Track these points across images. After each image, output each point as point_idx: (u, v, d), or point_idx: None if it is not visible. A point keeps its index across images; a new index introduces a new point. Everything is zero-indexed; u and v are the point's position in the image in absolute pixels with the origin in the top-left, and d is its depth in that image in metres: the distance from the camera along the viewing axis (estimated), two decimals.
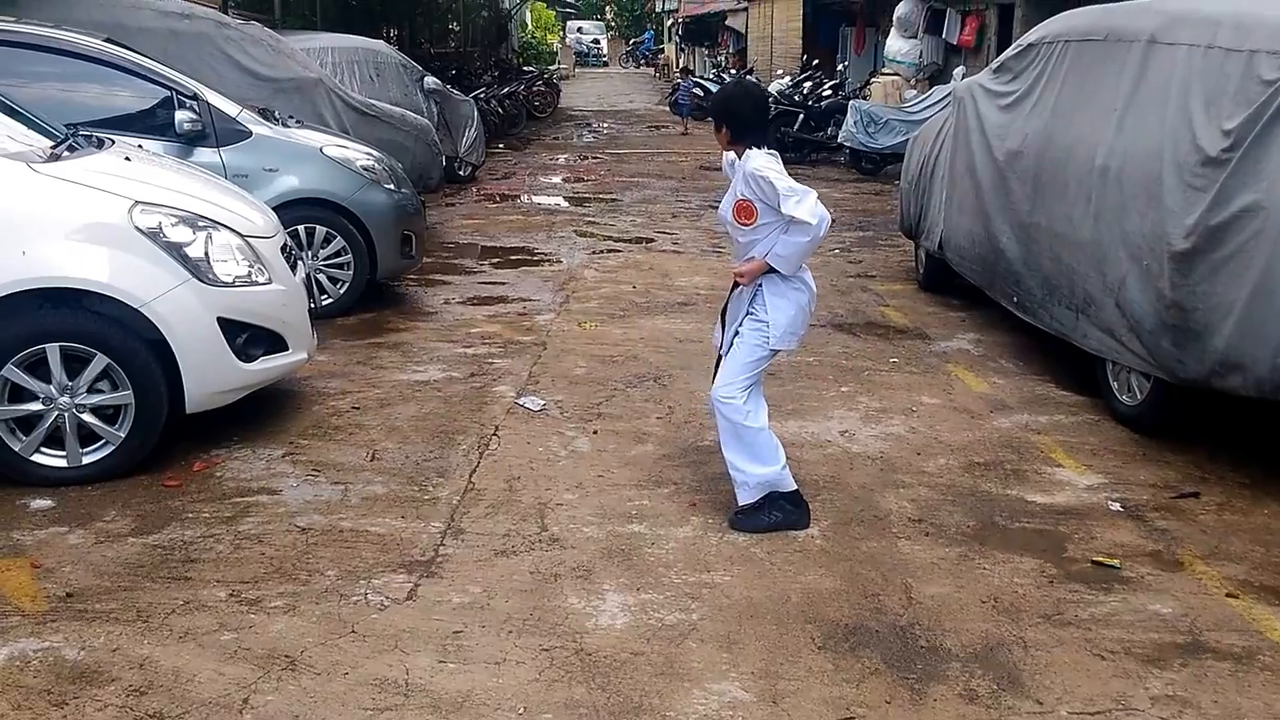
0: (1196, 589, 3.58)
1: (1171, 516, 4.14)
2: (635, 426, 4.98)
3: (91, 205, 4.14)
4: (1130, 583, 3.62)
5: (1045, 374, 5.88)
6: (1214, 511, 4.19)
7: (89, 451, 4.16)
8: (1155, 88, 4.84)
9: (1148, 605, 3.46)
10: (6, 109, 4.62)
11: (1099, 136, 5.18)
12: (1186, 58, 4.67)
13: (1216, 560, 3.79)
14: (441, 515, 3.98)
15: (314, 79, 8.46)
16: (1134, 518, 4.13)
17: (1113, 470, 4.58)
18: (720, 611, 3.36)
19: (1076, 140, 5.43)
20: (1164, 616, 3.40)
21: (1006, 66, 6.53)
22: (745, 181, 3.82)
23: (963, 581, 3.60)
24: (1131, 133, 4.94)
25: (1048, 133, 5.79)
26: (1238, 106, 4.27)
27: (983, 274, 6.51)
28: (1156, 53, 4.92)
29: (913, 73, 16.16)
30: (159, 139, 6.13)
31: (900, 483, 4.41)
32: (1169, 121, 4.64)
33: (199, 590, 3.39)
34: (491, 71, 23.45)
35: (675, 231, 10.44)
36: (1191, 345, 4.43)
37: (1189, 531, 4.01)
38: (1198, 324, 4.38)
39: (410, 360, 5.93)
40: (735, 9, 31.69)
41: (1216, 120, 4.35)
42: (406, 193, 7.18)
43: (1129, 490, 4.37)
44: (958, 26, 15.51)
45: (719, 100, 4.05)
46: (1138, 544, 3.90)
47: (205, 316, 4.25)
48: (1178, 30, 4.84)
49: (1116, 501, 4.26)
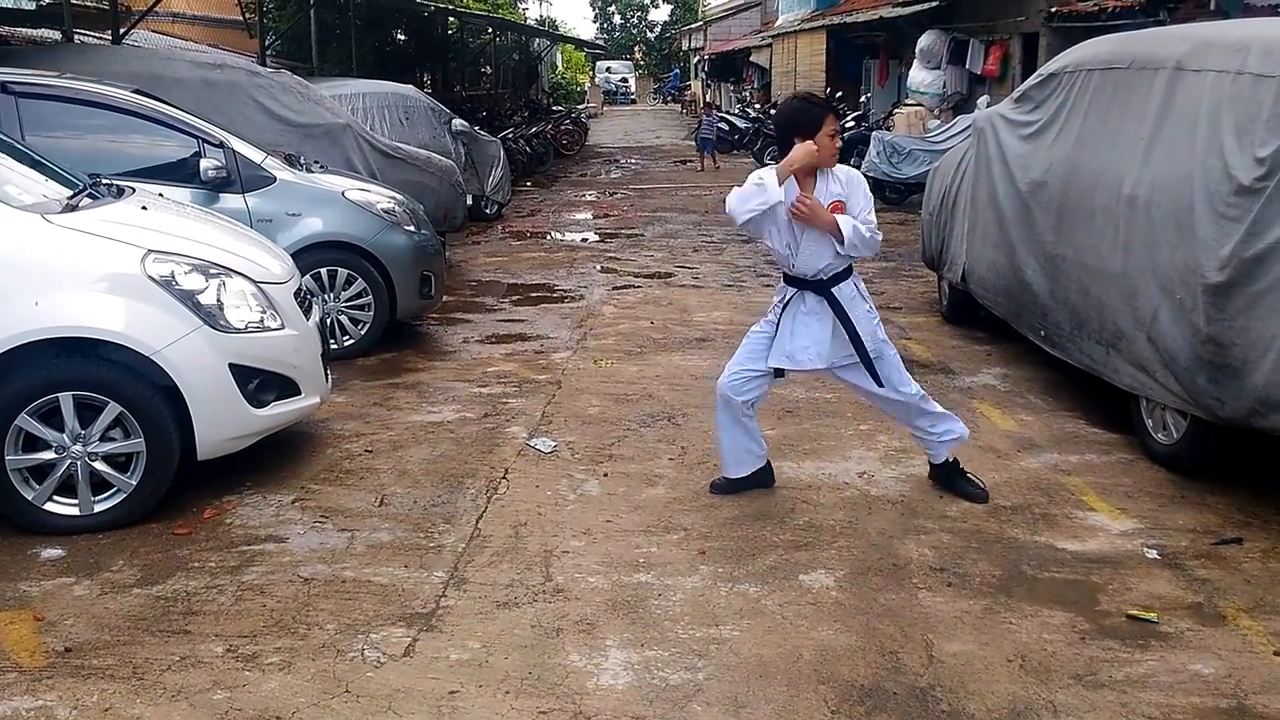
0: (1241, 646, 3.29)
1: (1212, 565, 3.85)
2: (647, 468, 4.78)
3: (104, 255, 4.08)
4: (1168, 639, 3.34)
5: (1075, 410, 5.60)
6: (1258, 559, 3.90)
7: (101, 500, 4.06)
8: (1183, 115, 4.61)
9: (1188, 665, 3.19)
10: (29, 160, 4.61)
11: (1126, 166, 4.94)
12: (1215, 84, 4.44)
13: (1262, 613, 3.49)
14: (445, 564, 3.79)
15: (342, 124, 8.43)
16: (1172, 566, 3.84)
17: (1148, 514, 4.29)
18: (728, 670, 3.14)
19: (1102, 170, 5.19)
20: (1205, 677, 3.12)
21: (1028, 96, 6.31)
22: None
23: (987, 638, 3.34)
24: (1160, 162, 4.70)
25: (1072, 162, 5.55)
26: (1271, 134, 4.03)
27: (1008, 307, 6.26)
28: (1183, 80, 4.69)
29: (936, 103, 15.95)
30: (186, 186, 6.13)
31: (922, 528, 4.16)
32: (1199, 150, 4.40)
33: (197, 645, 3.23)
34: (521, 112, 23.56)
35: (696, 266, 10.26)
36: (1229, 382, 4.16)
37: (1232, 581, 3.72)
38: (1235, 360, 4.12)
39: (426, 401, 5.78)
40: (759, 45, 31.68)
41: (1249, 148, 4.11)
42: (426, 234, 7.09)
43: (1166, 536, 4.09)
44: (981, 56, 15.30)
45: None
46: (1176, 595, 3.62)
47: (217, 363, 4.15)
48: (1205, 57, 4.61)
49: (1153, 549, 3.97)
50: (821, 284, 4.14)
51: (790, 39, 27.07)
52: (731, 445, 4.40)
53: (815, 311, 4.14)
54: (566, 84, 46.34)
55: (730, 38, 37.52)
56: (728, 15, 40.56)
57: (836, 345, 4.17)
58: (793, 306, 4.17)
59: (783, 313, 4.19)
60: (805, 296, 4.16)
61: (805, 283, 4.16)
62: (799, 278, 4.17)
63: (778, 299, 4.27)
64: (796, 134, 4.02)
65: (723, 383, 4.34)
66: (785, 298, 4.20)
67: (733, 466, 4.45)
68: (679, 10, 60.78)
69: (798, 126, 4.03)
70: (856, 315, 4.14)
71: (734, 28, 38.53)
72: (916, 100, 16.17)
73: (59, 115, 6.04)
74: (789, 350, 4.18)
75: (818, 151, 3.99)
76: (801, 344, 4.16)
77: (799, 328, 4.15)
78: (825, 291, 4.14)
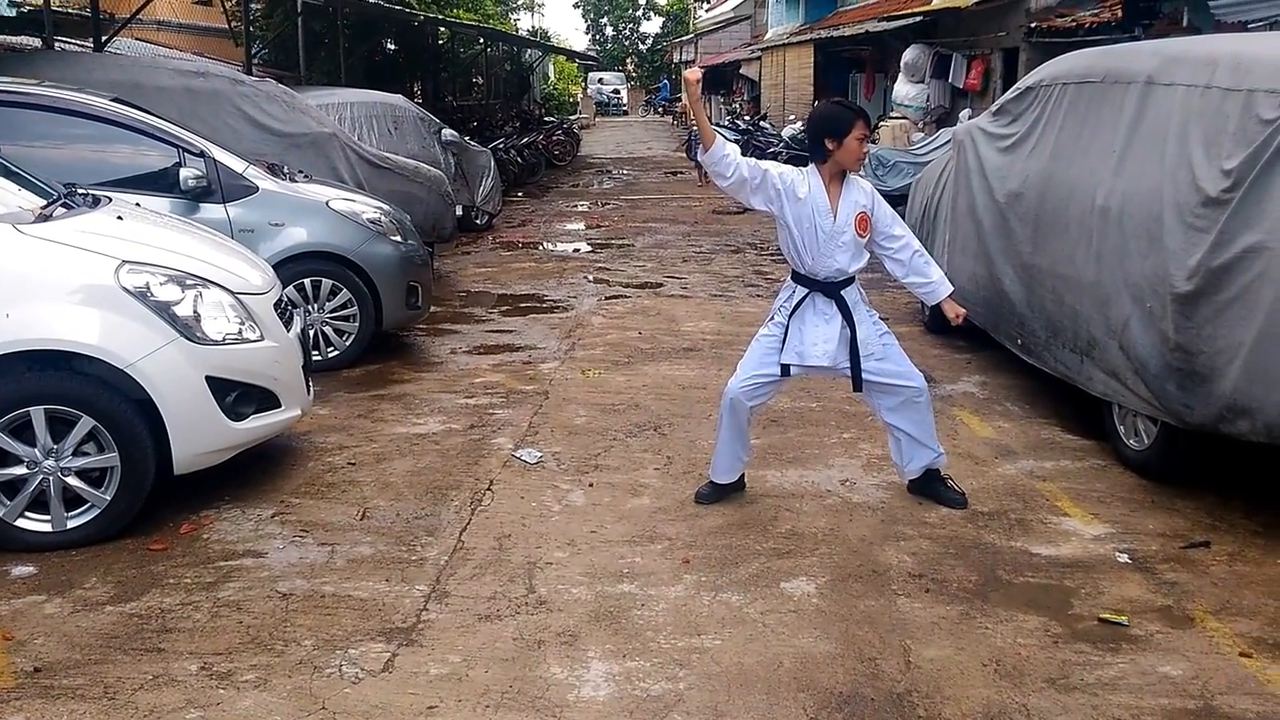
0: (1208, 648, 3.31)
1: (1181, 568, 3.87)
2: (632, 479, 4.78)
3: (77, 266, 4.01)
4: (1139, 642, 3.36)
5: (1052, 418, 5.62)
6: (1225, 562, 3.92)
7: (74, 515, 4.00)
8: (1154, 128, 4.64)
9: (1157, 667, 3.20)
10: (2, 169, 4.53)
11: (1099, 177, 4.97)
12: (1184, 98, 4.47)
13: (1229, 615, 3.52)
14: (427, 577, 3.78)
15: (328, 133, 8.39)
16: (1142, 570, 3.86)
17: (1120, 519, 4.31)
18: (709, 680, 3.13)
19: (1076, 181, 5.22)
20: (1174, 679, 3.13)
21: (1006, 109, 6.34)
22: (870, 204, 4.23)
23: (964, 642, 3.35)
24: (1131, 174, 4.73)
25: (1048, 174, 5.59)
26: (1237, 146, 4.06)
27: (986, 316, 6.28)
28: (1154, 93, 4.72)
29: (920, 116, 16.00)
30: (166, 196, 6.07)
31: (901, 535, 4.17)
32: (1168, 162, 4.43)
33: (170, 663, 3.19)
34: (513, 122, 23.52)
35: (685, 276, 10.28)
36: (1197, 389, 4.18)
37: (1200, 584, 3.75)
38: (1203, 367, 4.14)
39: (411, 412, 5.76)
40: (749, 58, 31.77)
41: (1216, 160, 4.14)
42: (413, 244, 7.06)
43: (1137, 540, 4.11)
44: (964, 71, 15.36)
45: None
46: (1146, 599, 3.64)
47: (193, 375, 4.10)
48: (1175, 71, 4.65)
49: (1124, 553, 4.00)
50: (833, 286, 4.20)
51: (779, 52, 27.17)
52: (729, 451, 4.44)
53: (825, 313, 4.23)
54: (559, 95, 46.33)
55: (721, 50, 37.60)
56: (718, 28, 40.66)
57: (841, 347, 4.24)
58: (804, 307, 4.23)
59: (793, 313, 4.24)
60: (816, 298, 4.23)
61: (816, 284, 4.22)
62: (810, 278, 4.22)
63: (784, 299, 4.32)
64: (827, 135, 4.13)
65: (734, 388, 4.36)
66: (796, 298, 4.25)
67: (724, 473, 4.49)
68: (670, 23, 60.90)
69: (829, 128, 4.13)
70: (860, 318, 4.24)
71: (724, 40, 38.62)
72: (901, 113, 16.21)
73: (36, 124, 5.95)
74: (800, 349, 4.24)
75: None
76: (812, 341, 4.23)
77: (809, 328, 4.23)
78: (836, 294, 4.20)
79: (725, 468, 4.48)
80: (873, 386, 4.31)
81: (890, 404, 4.35)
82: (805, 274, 4.24)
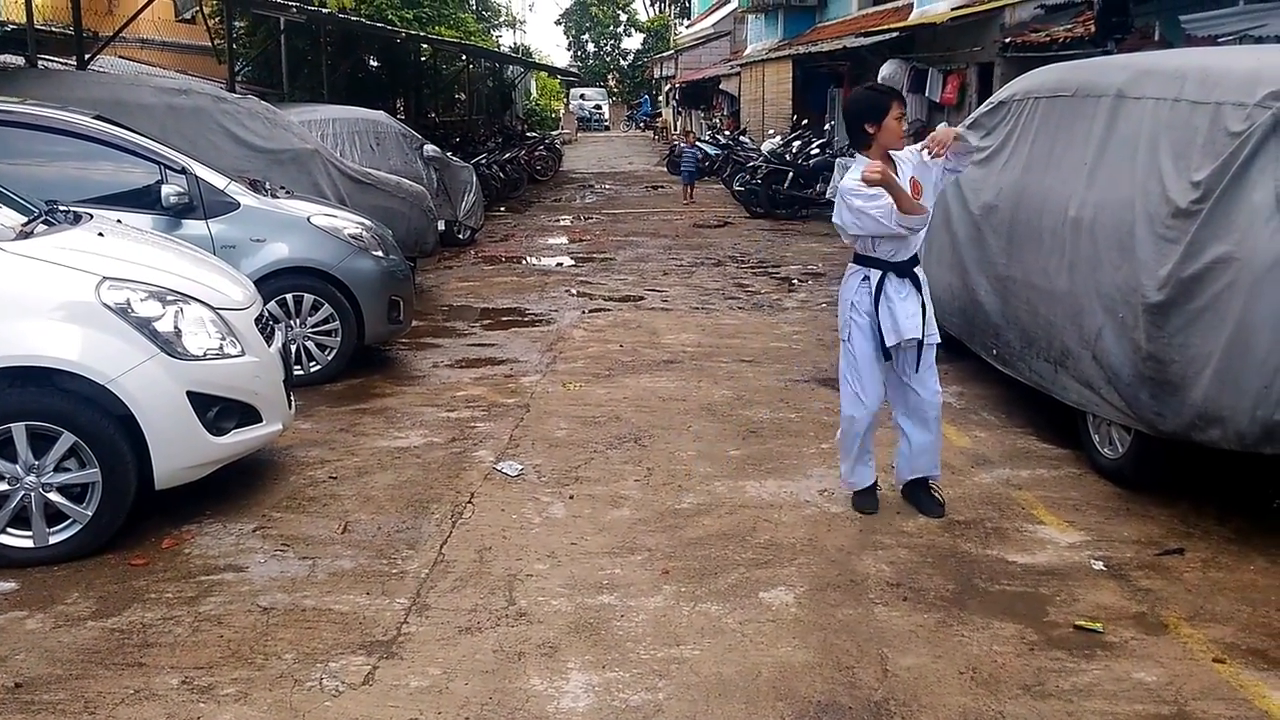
0: (1181, 654, 3.33)
1: (1155, 575, 3.90)
2: (612, 490, 4.77)
3: (58, 282, 4.00)
4: (1113, 648, 3.38)
5: (1027, 426, 5.66)
6: (1199, 569, 3.95)
7: (56, 531, 3.98)
8: (1125, 141, 4.70)
9: (1131, 673, 3.22)
10: None
11: (1071, 190, 5.02)
12: (1154, 111, 4.53)
13: (1202, 621, 3.54)
14: (408, 590, 3.77)
15: (310, 150, 8.39)
16: (1117, 577, 3.89)
17: (1095, 526, 4.34)
18: (688, 690, 3.13)
19: (1049, 194, 5.27)
20: (1148, 685, 3.15)
21: (979, 123, 6.39)
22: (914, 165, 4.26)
23: (940, 650, 3.36)
24: (1103, 186, 4.79)
25: (1021, 186, 5.64)
26: (1206, 158, 4.11)
27: (962, 326, 6.33)
28: (1125, 107, 4.78)
29: None
30: (148, 213, 6.05)
31: (879, 544, 4.18)
32: (1139, 174, 4.48)
33: (151, 677, 3.17)
34: (495, 138, 23.55)
35: (665, 289, 10.30)
36: (1169, 398, 4.22)
37: (1173, 591, 3.77)
38: (1175, 376, 4.18)
39: (393, 426, 5.74)
40: (729, 74, 31.92)
41: (1186, 172, 4.20)
42: (395, 259, 7.06)
43: (1112, 548, 4.14)
44: (940, 85, 15.49)
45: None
46: (1121, 605, 3.66)
47: (174, 390, 4.09)
48: (1144, 84, 4.71)
49: (1099, 560, 4.02)
50: (905, 265, 4.29)
51: (758, 68, 27.33)
52: (865, 456, 4.52)
53: (902, 290, 4.28)
54: (541, 110, 46.37)
55: (700, 66, 37.77)
56: (698, 44, 40.83)
57: (921, 319, 4.29)
58: (885, 289, 4.27)
59: (877, 298, 4.27)
60: (891, 277, 4.28)
61: (890, 265, 4.28)
62: (885, 261, 4.28)
63: (856, 288, 4.34)
64: (867, 121, 4.20)
65: (871, 408, 4.41)
66: (873, 280, 4.29)
67: (868, 476, 4.56)
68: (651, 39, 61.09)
69: (866, 113, 4.20)
70: (928, 297, 4.34)
71: (704, 56, 38.77)
72: None
73: (18, 141, 5.94)
74: (896, 326, 4.27)
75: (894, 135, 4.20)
76: (904, 315, 4.27)
77: (897, 304, 4.27)
78: (910, 272, 4.29)
79: (867, 475, 4.54)
80: (911, 375, 4.36)
81: (906, 406, 4.44)
82: (881, 258, 4.29)
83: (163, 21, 17.19)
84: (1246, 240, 3.93)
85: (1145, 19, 10.19)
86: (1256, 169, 3.94)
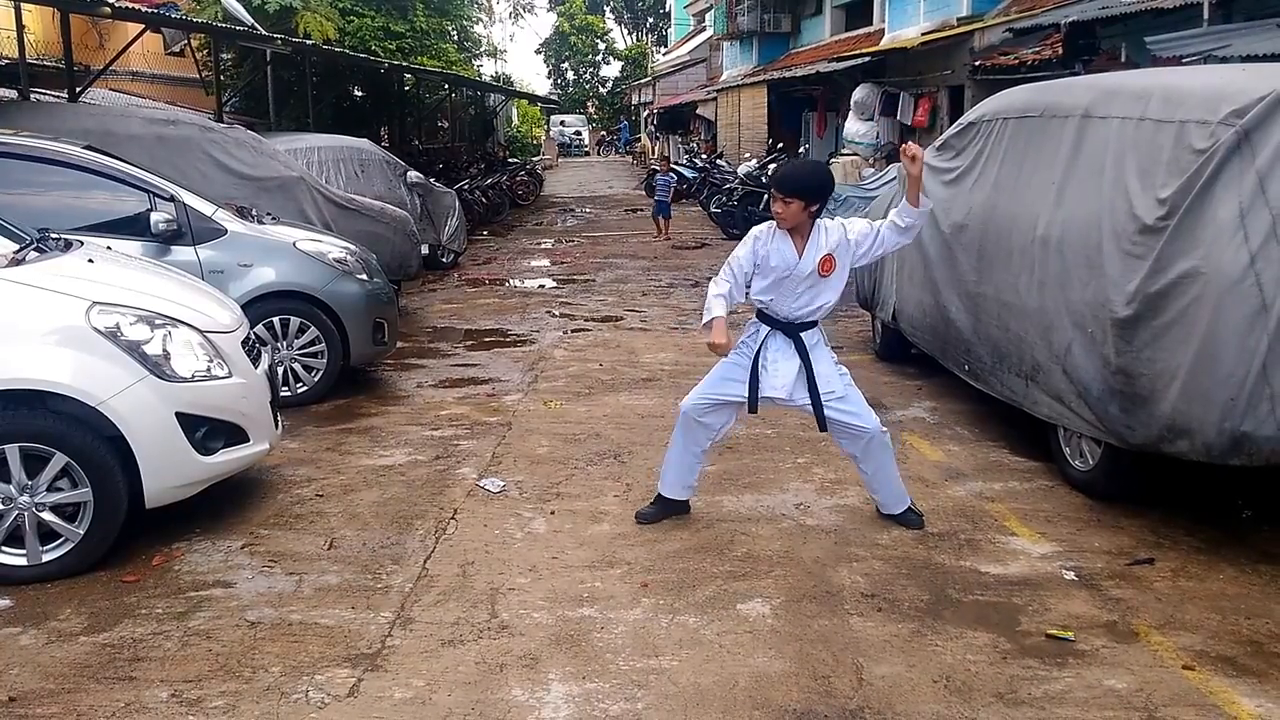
0: (1152, 661, 3.36)
1: (1126, 584, 3.93)
2: (593, 505, 4.78)
3: (49, 308, 4.02)
4: (1085, 656, 3.40)
5: (1000, 440, 5.71)
6: (1169, 578, 3.99)
7: (49, 549, 3.97)
8: (1091, 160, 4.77)
9: (1102, 680, 3.25)
10: None
11: (1039, 208, 5.09)
12: (1120, 130, 4.60)
13: (1172, 630, 3.57)
14: (392, 604, 3.76)
15: (296, 177, 8.39)
16: (1088, 587, 3.92)
17: (1066, 538, 4.38)
18: (666, 700, 3.13)
19: (1018, 212, 5.34)
20: (1119, 692, 3.18)
21: (949, 144, 6.48)
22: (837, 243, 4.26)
23: (914, 660, 3.38)
24: (1071, 204, 4.85)
25: (990, 205, 5.71)
26: (1171, 175, 4.17)
27: (935, 343, 6.39)
28: (1091, 126, 4.85)
29: (870, 152, 16.29)
30: (138, 239, 6.09)
31: (854, 556, 4.20)
32: (1106, 192, 4.54)
33: (141, 691, 3.16)
34: (478, 164, 23.61)
35: (644, 310, 10.34)
36: (1138, 411, 4.27)
37: (1144, 600, 3.81)
38: (1143, 389, 4.23)
39: (378, 445, 5.73)
40: (705, 99, 32.19)
41: (1151, 190, 4.25)
42: (379, 282, 7.07)
43: (1083, 558, 4.17)
44: (911, 108, 15.70)
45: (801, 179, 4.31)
46: (1092, 614, 3.69)
47: (164, 411, 4.09)
48: (1110, 104, 4.78)
49: (1071, 570, 4.05)
50: (792, 327, 4.32)
51: (734, 93, 27.57)
52: (677, 465, 4.53)
53: (784, 350, 4.33)
54: (522, 137, 46.44)
55: (678, 92, 38.05)
56: (675, 71, 41.15)
57: (799, 383, 4.32)
58: (767, 344, 4.34)
59: (759, 350, 4.33)
60: (776, 335, 4.33)
61: (778, 324, 4.33)
62: (773, 318, 4.34)
63: (749, 334, 4.41)
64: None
65: (686, 403, 4.51)
66: (760, 335, 4.36)
67: (669, 486, 4.57)
68: (629, 66, 61.45)
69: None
70: (818, 358, 4.32)
71: (681, 82, 39.08)
72: (852, 150, 16.50)
73: (11, 171, 5.96)
74: (771, 383, 4.33)
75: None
76: (773, 373, 4.33)
77: (770, 364, 4.34)
78: (795, 335, 4.32)
79: (671, 481, 4.56)
80: (835, 426, 4.37)
81: (853, 448, 4.45)
82: (769, 314, 4.35)
83: (152, 55, 17.21)
84: (1212, 255, 3.97)
85: (1112, 41, 10.35)
86: (1220, 185, 3.98)
